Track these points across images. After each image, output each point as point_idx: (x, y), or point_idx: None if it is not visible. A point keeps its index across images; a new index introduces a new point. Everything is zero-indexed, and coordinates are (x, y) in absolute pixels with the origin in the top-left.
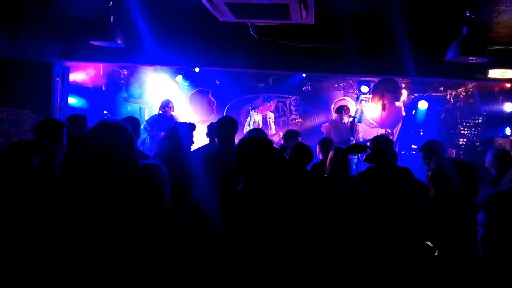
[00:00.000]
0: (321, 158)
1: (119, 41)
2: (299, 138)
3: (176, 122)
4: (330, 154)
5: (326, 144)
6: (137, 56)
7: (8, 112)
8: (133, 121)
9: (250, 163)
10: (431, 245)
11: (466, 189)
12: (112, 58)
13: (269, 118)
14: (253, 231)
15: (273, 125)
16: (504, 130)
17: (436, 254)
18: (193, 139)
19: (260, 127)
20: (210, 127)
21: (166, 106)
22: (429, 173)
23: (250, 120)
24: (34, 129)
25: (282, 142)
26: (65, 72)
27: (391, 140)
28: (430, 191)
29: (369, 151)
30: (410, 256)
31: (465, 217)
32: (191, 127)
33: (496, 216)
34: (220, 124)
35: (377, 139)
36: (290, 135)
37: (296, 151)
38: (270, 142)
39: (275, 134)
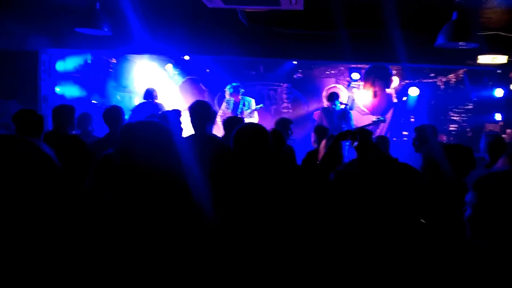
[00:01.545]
0: (316, 146)
1: (106, 29)
2: (291, 126)
3: (164, 110)
4: (323, 141)
5: (321, 132)
6: (126, 44)
7: None
8: (117, 111)
9: (249, 149)
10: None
11: (458, 170)
12: (100, 46)
13: (243, 105)
14: (256, 217)
15: (255, 114)
16: (494, 115)
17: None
18: (182, 125)
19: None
20: None
21: (150, 94)
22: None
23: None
24: (12, 119)
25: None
26: (52, 61)
27: (369, 131)
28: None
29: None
30: (402, 234)
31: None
32: (178, 113)
33: (485, 197)
34: (192, 108)
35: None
36: (281, 124)
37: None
38: (265, 129)
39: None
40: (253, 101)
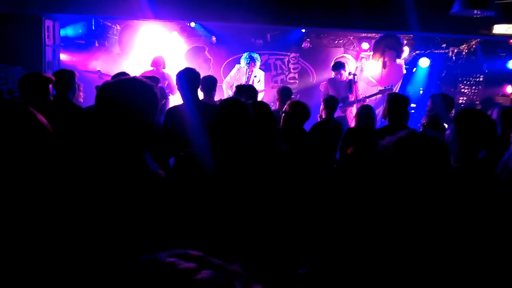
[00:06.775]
0: (324, 116)
1: None
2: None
3: (170, 80)
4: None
5: (331, 102)
6: (130, 9)
7: None
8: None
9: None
10: None
11: None
12: (104, 12)
13: (255, 76)
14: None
15: (260, 84)
16: (504, 88)
17: None
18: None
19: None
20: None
21: (157, 62)
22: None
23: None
24: (18, 84)
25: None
26: (56, 27)
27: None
28: None
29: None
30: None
31: None
32: (157, 81)
33: None
34: (180, 76)
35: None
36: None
37: (293, 109)
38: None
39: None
40: (263, 74)
